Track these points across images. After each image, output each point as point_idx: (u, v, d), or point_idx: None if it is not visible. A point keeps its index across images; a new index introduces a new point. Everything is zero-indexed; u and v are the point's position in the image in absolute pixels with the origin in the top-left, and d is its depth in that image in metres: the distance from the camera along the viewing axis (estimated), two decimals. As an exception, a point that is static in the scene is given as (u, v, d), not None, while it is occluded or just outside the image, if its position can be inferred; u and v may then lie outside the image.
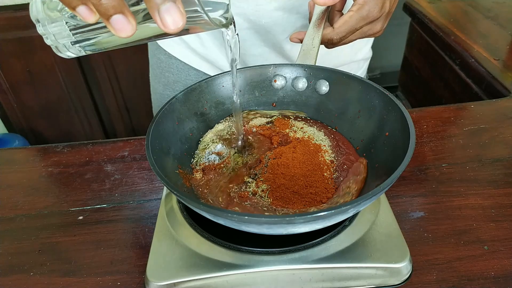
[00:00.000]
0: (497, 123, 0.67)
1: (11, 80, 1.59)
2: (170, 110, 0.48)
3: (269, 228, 0.35)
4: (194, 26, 0.34)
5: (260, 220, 0.33)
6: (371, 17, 0.52)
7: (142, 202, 0.56)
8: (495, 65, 0.90)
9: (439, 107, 0.72)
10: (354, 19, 0.52)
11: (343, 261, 0.41)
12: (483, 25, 1.09)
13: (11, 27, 1.46)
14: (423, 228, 0.49)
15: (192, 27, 0.34)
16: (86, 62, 1.61)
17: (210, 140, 0.52)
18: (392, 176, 0.35)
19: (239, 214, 0.33)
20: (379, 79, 2.23)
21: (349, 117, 0.52)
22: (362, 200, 0.33)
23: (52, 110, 1.71)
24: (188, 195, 0.39)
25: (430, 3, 1.25)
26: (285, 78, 0.55)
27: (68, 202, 0.57)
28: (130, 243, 0.50)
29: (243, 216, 0.32)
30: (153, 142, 0.41)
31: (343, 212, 0.33)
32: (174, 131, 0.48)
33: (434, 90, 1.20)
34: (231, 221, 0.34)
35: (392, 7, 0.54)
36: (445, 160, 0.60)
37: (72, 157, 0.66)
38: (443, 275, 0.44)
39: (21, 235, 0.52)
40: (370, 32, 0.55)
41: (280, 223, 0.33)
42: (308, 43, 0.54)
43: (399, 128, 0.43)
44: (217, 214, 0.34)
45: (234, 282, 0.41)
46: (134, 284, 0.45)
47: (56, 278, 0.47)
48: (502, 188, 0.54)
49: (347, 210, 0.33)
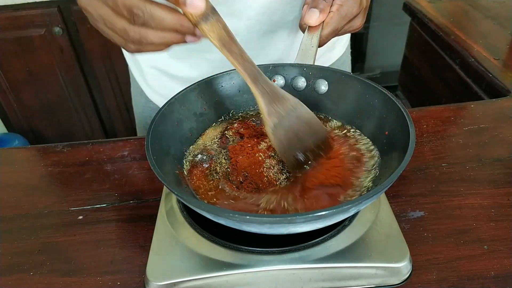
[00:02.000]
0: (497, 123, 0.67)
1: (11, 80, 1.59)
2: (169, 110, 0.48)
3: (270, 228, 0.35)
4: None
5: (262, 220, 0.33)
6: (350, 15, 0.53)
7: (142, 202, 0.56)
8: (495, 64, 0.90)
9: (439, 107, 0.72)
10: (335, 20, 0.52)
11: (343, 261, 0.41)
12: (483, 25, 1.09)
13: (11, 27, 1.46)
14: (423, 228, 0.49)
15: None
16: (86, 62, 1.61)
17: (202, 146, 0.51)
18: (393, 174, 0.35)
19: (240, 214, 0.33)
20: (379, 78, 2.24)
21: (349, 117, 0.52)
22: (363, 199, 0.33)
23: (52, 110, 1.71)
24: (189, 196, 0.39)
25: (430, 3, 1.25)
26: (284, 77, 0.55)
27: (68, 202, 0.57)
28: (130, 243, 0.50)
29: (245, 215, 0.32)
30: (153, 143, 0.41)
31: (344, 211, 0.33)
32: (174, 132, 0.48)
33: (434, 89, 1.20)
34: (232, 221, 0.34)
35: (368, 1, 0.56)
36: (445, 160, 0.60)
37: (72, 156, 0.66)
38: (443, 274, 0.44)
39: (21, 235, 0.52)
40: (351, 29, 0.56)
41: (281, 223, 0.33)
42: (306, 43, 0.54)
43: (399, 127, 0.43)
44: (218, 214, 0.34)
45: (234, 282, 0.41)
46: (134, 284, 0.45)
47: (56, 278, 0.47)
48: (502, 188, 0.54)
49: (349, 209, 0.33)
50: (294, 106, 0.45)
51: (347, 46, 0.82)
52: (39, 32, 1.48)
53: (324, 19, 0.53)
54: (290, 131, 0.45)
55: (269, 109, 0.43)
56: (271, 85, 0.44)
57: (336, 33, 0.54)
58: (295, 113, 0.45)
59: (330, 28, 0.53)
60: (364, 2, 0.54)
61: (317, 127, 0.46)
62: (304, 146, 0.45)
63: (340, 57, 0.80)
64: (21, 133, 1.75)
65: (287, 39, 0.67)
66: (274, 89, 0.44)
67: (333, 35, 0.54)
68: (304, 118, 0.46)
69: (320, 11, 0.51)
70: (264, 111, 0.43)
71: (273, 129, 0.44)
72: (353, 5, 0.52)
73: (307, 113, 0.46)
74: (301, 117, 0.45)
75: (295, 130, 0.45)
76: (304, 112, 0.46)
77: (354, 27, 0.56)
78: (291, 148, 0.45)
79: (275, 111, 0.44)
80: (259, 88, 0.43)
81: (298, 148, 0.45)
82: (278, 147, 0.45)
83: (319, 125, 0.47)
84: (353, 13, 0.53)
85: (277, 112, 0.44)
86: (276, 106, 0.44)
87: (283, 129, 0.44)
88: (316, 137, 0.46)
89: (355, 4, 0.52)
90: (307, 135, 0.45)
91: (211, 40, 0.39)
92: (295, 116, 0.45)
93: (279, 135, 0.44)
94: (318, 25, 0.53)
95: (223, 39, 0.39)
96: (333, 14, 0.52)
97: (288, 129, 0.44)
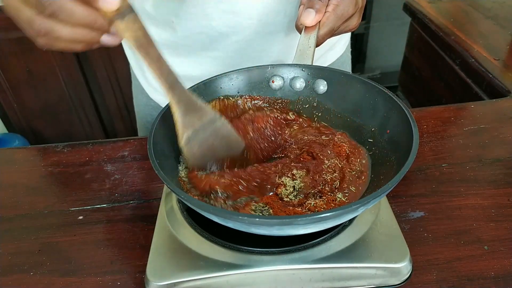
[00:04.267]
0: (497, 123, 0.67)
1: (11, 80, 1.59)
2: (169, 113, 0.47)
3: (280, 230, 0.35)
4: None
5: (272, 222, 0.33)
6: (346, 15, 0.53)
7: (142, 202, 0.56)
8: (495, 65, 0.90)
9: (439, 107, 0.72)
10: (331, 20, 0.53)
11: (343, 261, 0.41)
12: (483, 25, 1.09)
13: (11, 27, 1.44)
14: (423, 228, 0.49)
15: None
16: (86, 62, 1.61)
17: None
18: (401, 171, 0.35)
19: (249, 216, 0.33)
20: (379, 79, 2.24)
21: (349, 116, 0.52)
22: (371, 198, 0.33)
23: (52, 110, 1.71)
24: (196, 199, 0.39)
25: (430, 3, 1.25)
26: (283, 78, 0.55)
27: (68, 202, 0.57)
28: (130, 243, 0.50)
29: (254, 218, 0.32)
30: (155, 147, 0.41)
31: (352, 210, 0.33)
32: (175, 135, 0.48)
33: (434, 90, 1.20)
34: (241, 223, 0.34)
35: (364, 1, 0.56)
36: (445, 160, 0.60)
37: (72, 157, 0.66)
38: (443, 275, 0.44)
39: (21, 235, 0.52)
40: (347, 29, 0.56)
41: (291, 224, 0.33)
42: (304, 43, 0.54)
43: (401, 125, 0.43)
44: (227, 217, 0.34)
45: (234, 282, 0.41)
46: (134, 284, 0.45)
47: (56, 278, 0.47)
48: (502, 188, 0.54)
49: (357, 209, 0.33)
50: (212, 119, 0.44)
51: (347, 46, 0.82)
52: (39, 32, 1.48)
53: (320, 19, 0.53)
54: (204, 144, 0.44)
55: (183, 120, 0.42)
56: (188, 95, 0.42)
57: (333, 33, 0.54)
58: (211, 127, 0.44)
59: (327, 28, 0.53)
60: (360, 1, 0.54)
61: (234, 143, 0.46)
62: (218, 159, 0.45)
63: (340, 57, 0.80)
64: (21, 133, 1.75)
65: (287, 39, 0.67)
66: (191, 99, 0.42)
67: (330, 35, 0.54)
68: (221, 132, 0.45)
69: (316, 11, 0.52)
70: (177, 121, 0.42)
71: (185, 142, 0.43)
72: (348, 4, 0.52)
73: (225, 126, 0.45)
74: (218, 131, 0.45)
75: (209, 144, 0.44)
76: (221, 126, 0.45)
77: (350, 27, 0.56)
78: (204, 160, 0.44)
79: (190, 122, 0.42)
80: (175, 97, 0.41)
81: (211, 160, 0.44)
82: (190, 159, 0.44)
83: (236, 141, 0.46)
84: (349, 13, 0.53)
85: (191, 124, 0.43)
86: (192, 117, 0.42)
87: (196, 142, 0.43)
88: (232, 152, 0.46)
89: (350, 4, 0.52)
90: (222, 150, 0.45)
91: (126, 40, 0.37)
92: (211, 129, 0.44)
93: (191, 148, 0.43)
94: (314, 25, 0.53)
95: (139, 40, 0.37)
96: (329, 14, 0.52)
97: (202, 142, 0.44)
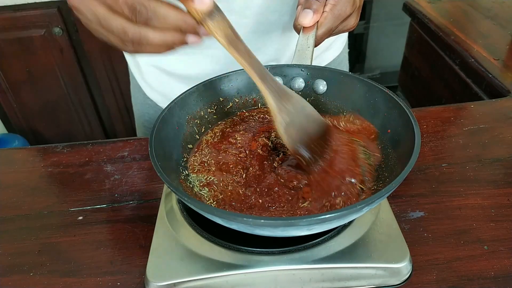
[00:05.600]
0: (497, 123, 0.67)
1: (11, 80, 1.59)
2: (169, 115, 0.47)
3: (284, 231, 0.35)
4: None
5: (276, 223, 0.33)
6: (344, 15, 0.53)
7: (142, 202, 0.56)
8: (495, 65, 0.90)
9: (439, 107, 0.72)
10: (329, 20, 0.53)
11: (343, 261, 0.41)
12: (483, 25, 1.09)
13: (11, 27, 1.46)
14: (423, 228, 0.49)
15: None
16: (86, 63, 1.61)
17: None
18: (404, 170, 0.35)
19: (254, 218, 0.32)
20: (379, 79, 2.24)
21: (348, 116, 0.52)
22: (376, 198, 0.33)
23: (52, 110, 1.71)
24: (199, 201, 0.39)
25: (430, 3, 1.25)
26: (282, 78, 0.55)
27: (68, 202, 0.57)
28: (130, 243, 0.50)
29: (259, 219, 0.32)
30: (156, 149, 0.41)
31: (357, 210, 0.33)
32: (175, 136, 0.48)
33: (434, 90, 1.20)
34: (245, 225, 0.34)
35: (362, 0, 0.56)
36: (445, 160, 0.60)
37: (72, 157, 0.66)
38: (443, 275, 0.44)
39: (21, 235, 0.52)
40: (345, 28, 0.56)
41: (295, 225, 0.33)
42: (302, 43, 0.54)
43: (401, 124, 0.44)
44: (231, 219, 0.34)
45: (234, 282, 0.41)
46: (134, 284, 0.45)
47: (56, 278, 0.47)
48: (502, 188, 0.54)
49: (361, 209, 0.33)
50: (301, 104, 0.45)
51: (344, 46, 0.82)
52: (39, 33, 1.48)
53: (318, 20, 0.53)
54: (300, 129, 0.45)
55: (278, 107, 0.43)
56: (278, 83, 0.44)
57: (331, 33, 0.54)
58: (303, 111, 0.45)
59: (324, 28, 0.53)
60: (357, 1, 0.54)
61: (322, 125, 0.47)
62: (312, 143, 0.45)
63: (337, 57, 0.80)
64: (21, 134, 1.75)
65: (283, 38, 0.67)
66: (281, 87, 0.44)
67: (328, 35, 0.54)
68: (311, 116, 0.46)
69: (314, 12, 0.52)
70: (274, 109, 0.43)
71: (284, 127, 0.44)
72: (346, 4, 0.52)
73: (313, 110, 0.46)
74: (309, 115, 0.46)
75: (304, 127, 0.45)
76: (311, 110, 0.46)
77: (348, 27, 0.56)
78: (302, 145, 0.45)
79: (285, 109, 0.44)
80: (267, 86, 0.42)
81: (307, 145, 0.45)
82: (289, 145, 0.45)
83: (323, 123, 0.47)
84: (346, 13, 0.53)
85: (287, 110, 0.44)
86: (285, 104, 0.44)
87: (294, 126, 0.44)
88: (321, 134, 0.46)
89: (348, 4, 0.52)
90: (314, 133, 0.46)
91: (217, 38, 0.39)
92: (304, 114, 0.45)
93: (290, 133, 0.44)
94: (312, 26, 0.53)
95: (229, 37, 0.39)
96: (327, 14, 0.52)
97: (299, 127, 0.45)
